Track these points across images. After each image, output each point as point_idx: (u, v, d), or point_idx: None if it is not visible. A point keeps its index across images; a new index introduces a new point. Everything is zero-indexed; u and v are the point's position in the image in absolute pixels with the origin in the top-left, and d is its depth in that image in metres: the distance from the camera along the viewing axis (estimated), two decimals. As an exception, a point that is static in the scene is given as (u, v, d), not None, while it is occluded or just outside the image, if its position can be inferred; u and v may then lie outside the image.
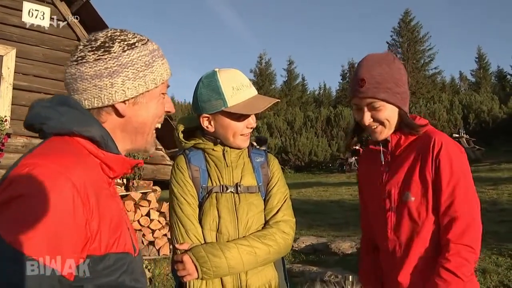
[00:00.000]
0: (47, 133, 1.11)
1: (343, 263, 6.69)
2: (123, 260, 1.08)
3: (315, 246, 7.81)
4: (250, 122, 1.86)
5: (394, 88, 1.81)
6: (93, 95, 1.15)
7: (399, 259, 1.82)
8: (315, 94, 60.03)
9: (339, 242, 7.69)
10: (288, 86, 53.38)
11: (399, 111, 1.85)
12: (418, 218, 1.78)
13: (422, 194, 1.78)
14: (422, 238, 1.78)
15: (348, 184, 18.97)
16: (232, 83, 1.80)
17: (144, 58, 1.19)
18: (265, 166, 1.95)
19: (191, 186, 1.84)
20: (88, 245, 0.99)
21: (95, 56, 1.14)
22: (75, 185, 0.97)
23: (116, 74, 1.15)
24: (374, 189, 1.95)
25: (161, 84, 1.24)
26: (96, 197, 1.02)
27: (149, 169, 8.05)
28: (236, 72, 1.87)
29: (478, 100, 31.28)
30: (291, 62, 55.03)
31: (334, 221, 10.67)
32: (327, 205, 13.51)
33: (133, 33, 1.23)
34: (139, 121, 1.22)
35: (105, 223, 1.04)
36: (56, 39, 7.62)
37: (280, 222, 1.86)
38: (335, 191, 16.95)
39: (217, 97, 1.79)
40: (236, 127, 1.83)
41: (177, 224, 1.81)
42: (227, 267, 1.71)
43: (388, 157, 1.92)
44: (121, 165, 1.18)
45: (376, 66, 1.82)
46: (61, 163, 0.99)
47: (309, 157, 30.54)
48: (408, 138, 1.87)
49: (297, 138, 32.20)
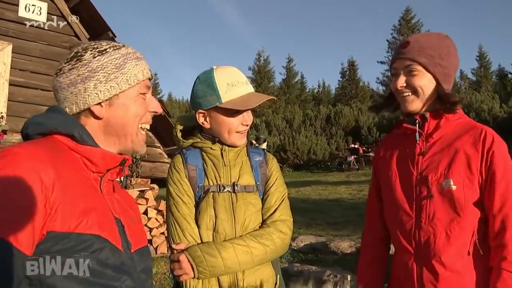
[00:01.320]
0: (32, 135, 1.22)
1: (342, 262, 6.71)
2: (88, 242, 1.10)
3: (314, 245, 7.82)
4: (245, 119, 1.86)
5: (437, 59, 1.75)
6: (71, 101, 1.24)
7: (433, 253, 1.71)
8: (314, 92, 60.12)
9: (338, 241, 7.71)
10: (287, 84, 53.44)
11: (437, 87, 1.78)
12: (460, 209, 1.68)
13: (466, 185, 1.68)
14: (463, 231, 1.68)
15: (347, 183, 19.03)
16: (227, 79, 1.82)
17: (114, 61, 1.26)
18: (263, 165, 1.96)
19: (188, 186, 1.85)
20: (48, 222, 1.05)
21: (69, 66, 1.25)
22: (34, 166, 1.05)
23: (88, 79, 1.23)
24: (403, 174, 1.84)
25: (137, 84, 1.29)
26: (60, 179, 1.09)
27: (147, 166, 8.06)
28: (232, 69, 1.89)
29: (478, 99, 31.40)
30: (290, 60, 55.20)
31: (333, 220, 10.71)
32: (326, 204, 13.54)
33: (108, 42, 1.31)
34: (118, 122, 1.27)
35: (69, 204, 1.09)
36: (54, 35, 7.62)
37: (278, 221, 1.87)
38: (334, 190, 17.01)
39: (211, 92, 1.82)
40: (230, 123, 1.84)
41: (174, 224, 1.82)
42: (223, 267, 1.73)
43: (423, 139, 1.81)
44: (102, 158, 1.24)
45: (425, 35, 1.82)
46: (26, 148, 1.10)
47: (308, 155, 30.59)
48: (448, 121, 1.78)
49: (296, 137, 32.26)
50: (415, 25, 46.96)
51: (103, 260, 1.14)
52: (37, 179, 1.04)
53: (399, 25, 47.76)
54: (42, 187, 1.04)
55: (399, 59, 1.80)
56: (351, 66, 54.96)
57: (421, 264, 1.74)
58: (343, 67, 55.83)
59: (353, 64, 55.03)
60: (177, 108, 57.89)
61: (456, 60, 1.82)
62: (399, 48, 1.81)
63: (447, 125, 1.78)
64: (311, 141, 31.40)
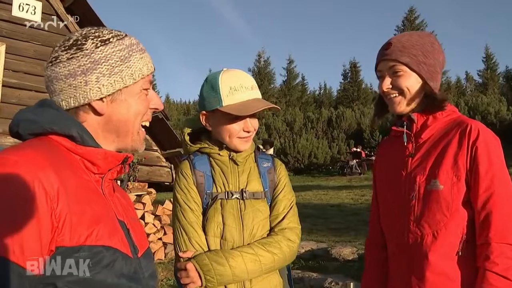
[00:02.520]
0: (24, 135, 1.13)
1: (344, 269, 6.70)
2: (100, 254, 1.05)
3: (315, 252, 7.81)
4: (247, 126, 1.85)
5: (421, 57, 1.77)
6: (69, 94, 1.16)
7: (420, 255, 1.73)
8: (315, 94, 60.13)
9: (340, 247, 7.70)
10: (287, 86, 53.43)
11: (424, 85, 1.80)
12: (447, 209, 1.69)
13: (452, 184, 1.69)
14: (451, 231, 1.69)
15: (349, 188, 19.02)
16: (231, 83, 1.81)
17: (119, 53, 1.18)
18: (271, 172, 1.96)
19: (195, 193, 1.85)
20: (56, 236, 0.99)
21: (68, 55, 1.15)
22: (36, 175, 0.98)
23: (90, 72, 1.15)
24: (394, 176, 1.87)
25: (141, 79, 1.23)
26: (65, 187, 1.02)
27: (144, 170, 8.05)
28: (239, 73, 1.87)
29: (485, 101, 31.42)
30: (291, 61, 55.09)
31: (335, 226, 10.69)
32: (327, 209, 13.54)
33: (110, 30, 1.22)
34: (120, 119, 1.21)
35: (77, 214, 1.03)
36: (48, 35, 7.62)
37: (286, 229, 1.86)
38: (336, 195, 17.01)
39: (214, 95, 1.82)
40: (231, 128, 1.84)
41: (180, 231, 1.82)
42: (231, 276, 1.72)
43: (412, 140, 1.84)
44: (104, 159, 1.17)
45: (406, 35, 1.84)
46: (22, 154, 1.01)
47: (309, 159, 30.60)
48: (437, 120, 1.80)
49: (297, 140, 32.27)
50: (419, 25, 47.03)
51: (118, 271, 1.09)
52: (41, 190, 0.97)
53: (402, 25, 47.84)
54: (46, 199, 0.98)
55: (383, 61, 1.83)
56: (353, 68, 54.90)
57: (409, 266, 1.77)
58: (345, 69, 55.68)
59: (355, 65, 54.98)
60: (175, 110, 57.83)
61: (441, 56, 1.85)
62: (382, 50, 1.83)
63: (435, 124, 1.81)
64: (312, 144, 31.41)
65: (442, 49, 1.86)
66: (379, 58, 1.85)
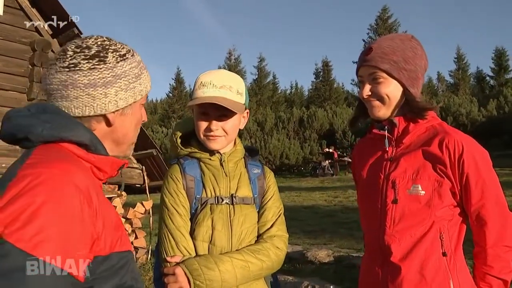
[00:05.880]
0: (35, 142, 1.16)
1: (320, 272, 6.76)
2: (125, 258, 1.16)
3: (290, 255, 7.82)
4: (211, 124, 1.88)
5: (401, 63, 1.80)
6: (85, 103, 1.23)
7: (396, 258, 1.78)
8: (286, 93, 60.42)
9: (315, 250, 7.76)
10: (258, 85, 53.49)
11: (404, 92, 1.84)
12: (427, 213, 1.75)
13: (434, 190, 1.75)
14: (429, 236, 1.75)
15: (322, 189, 19.17)
16: (203, 79, 1.88)
17: (134, 70, 1.30)
18: (261, 178, 2.02)
19: (184, 197, 1.88)
20: (94, 247, 1.06)
21: (89, 65, 1.22)
22: (79, 188, 1.04)
23: (111, 85, 1.24)
24: (372, 179, 1.91)
25: (145, 95, 1.37)
26: (97, 198, 1.10)
27: (114, 172, 7.94)
28: (218, 72, 1.94)
29: (456, 102, 32.23)
30: (262, 59, 55.31)
31: (309, 228, 10.75)
32: (300, 211, 13.60)
33: (119, 43, 1.32)
34: (123, 131, 1.33)
35: (107, 223, 1.12)
36: (11, 29, 7.40)
37: (275, 237, 1.93)
38: (309, 196, 17.12)
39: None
40: (198, 124, 1.91)
41: (167, 235, 1.84)
42: (220, 281, 1.75)
43: (392, 144, 1.88)
44: (111, 166, 1.27)
45: (388, 39, 1.87)
46: (61, 168, 1.06)
47: (281, 160, 30.77)
48: (418, 126, 1.84)
49: (268, 140, 32.40)
50: (392, 24, 47.83)
51: (133, 274, 1.20)
52: (85, 204, 1.04)
53: (375, 24, 48.54)
54: (90, 212, 1.05)
55: (363, 67, 1.86)
56: (325, 67, 55.45)
57: (384, 269, 1.82)
58: (317, 68, 56.33)
59: (328, 64, 55.56)
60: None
61: (424, 61, 1.88)
62: (363, 55, 1.87)
63: (416, 130, 1.85)
64: (284, 145, 31.60)
65: (424, 53, 1.89)
66: (359, 64, 1.88)
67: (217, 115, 1.87)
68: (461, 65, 52.60)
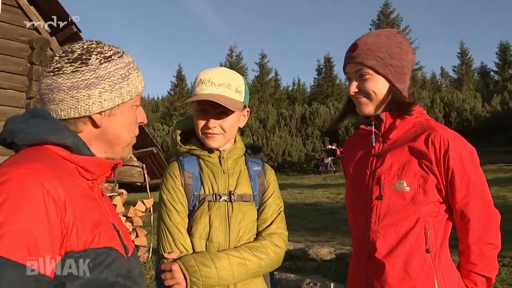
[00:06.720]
0: (20, 145, 1.22)
1: (322, 269, 6.78)
2: (104, 255, 1.18)
3: (292, 252, 7.85)
4: (209, 122, 1.88)
5: (387, 59, 1.81)
6: (70, 105, 1.26)
7: (380, 253, 1.80)
8: (288, 90, 60.26)
9: (317, 247, 7.78)
10: (260, 82, 53.34)
11: (391, 87, 1.85)
12: (412, 209, 1.77)
13: (419, 186, 1.76)
14: (414, 231, 1.77)
15: (324, 186, 19.17)
16: (202, 76, 1.89)
17: (120, 71, 1.32)
18: (261, 176, 2.03)
19: (182, 194, 1.89)
20: (65, 242, 1.10)
21: (72, 68, 1.26)
22: (44, 186, 1.08)
23: (94, 86, 1.27)
24: (359, 174, 1.93)
25: (136, 96, 1.38)
26: (69, 195, 1.13)
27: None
28: (218, 69, 1.95)
29: (460, 98, 32.10)
30: (264, 56, 55.06)
31: (311, 226, 10.79)
32: (303, 208, 13.63)
33: (108, 45, 1.35)
34: (113, 132, 1.34)
35: (81, 220, 1.14)
36: (9, 28, 7.43)
37: (274, 234, 1.93)
38: (311, 194, 17.14)
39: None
40: (196, 121, 1.92)
41: (165, 232, 1.86)
42: (217, 278, 1.77)
43: (379, 140, 1.90)
44: (97, 166, 1.29)
45: (374, 35, 1.88)
46: (29, 167, 1.11)
47: (283, 157, 30.72)
48: (405, 121, 1.85)
49: (270, 137, 32.34)
50: (394, 20, 47.57)
51: (116, 271, 1.20)
52: (50, 200, 1.07)
53: (378, 20, 48.33)
54: (56, 208, 1.08)
55: (349, 64, 1.88)
56: (328, 63, 55.14)
57: (369, 265, 1.84)
58: (319, 64, 55.98)
59: (330, 60, 55.24)
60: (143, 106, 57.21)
61: (410, 55, 1.89)
62: (349, 51, 1.87)
63: (403, 125, 1.86)
64: (286, 142, 31.56)
65: (411, 48, 1.91)
66: (346, 61, 1.90)
67: (215, 113, 1.88)
68: (464, 60, 52.30)
